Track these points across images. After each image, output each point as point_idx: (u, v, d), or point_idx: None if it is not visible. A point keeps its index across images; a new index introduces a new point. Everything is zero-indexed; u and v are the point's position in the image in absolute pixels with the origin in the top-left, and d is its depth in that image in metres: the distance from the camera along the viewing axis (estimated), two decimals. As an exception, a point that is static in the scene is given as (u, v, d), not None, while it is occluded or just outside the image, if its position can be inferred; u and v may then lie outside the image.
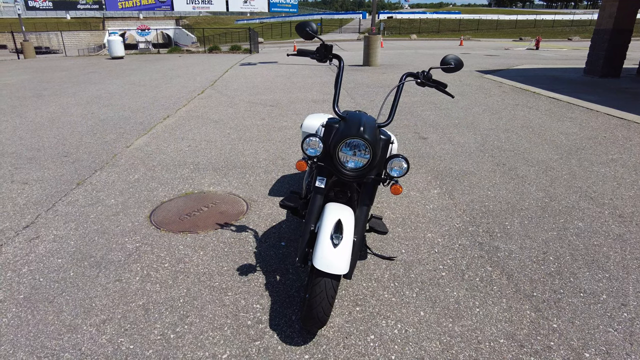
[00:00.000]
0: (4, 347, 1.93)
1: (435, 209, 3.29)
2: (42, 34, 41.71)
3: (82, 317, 2.13)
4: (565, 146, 4.86)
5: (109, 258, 2.66)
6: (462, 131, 5.53)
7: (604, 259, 2.59)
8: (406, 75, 2.20)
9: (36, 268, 2.56)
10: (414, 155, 4.60)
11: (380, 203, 3.41)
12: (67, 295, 2.30)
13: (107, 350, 1.91)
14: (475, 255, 2.64)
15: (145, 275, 2.48)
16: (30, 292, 2.33)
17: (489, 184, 3.76)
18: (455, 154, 4.62)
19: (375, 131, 1.97)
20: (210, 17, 57.29)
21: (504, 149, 4.78)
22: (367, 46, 13.19)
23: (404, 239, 2.85)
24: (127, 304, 2.23)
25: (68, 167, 4.36)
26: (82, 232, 2.99)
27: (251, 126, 5.88)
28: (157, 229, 3.03)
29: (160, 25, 45.07)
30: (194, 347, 1.92)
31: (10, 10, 49.01)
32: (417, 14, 59.09)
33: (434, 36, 44.14)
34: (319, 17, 58.64)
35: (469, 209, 3.27)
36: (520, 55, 18.71)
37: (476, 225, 3.01)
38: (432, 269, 2.49)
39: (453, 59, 2.18)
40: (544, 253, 2.65)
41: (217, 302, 2.23)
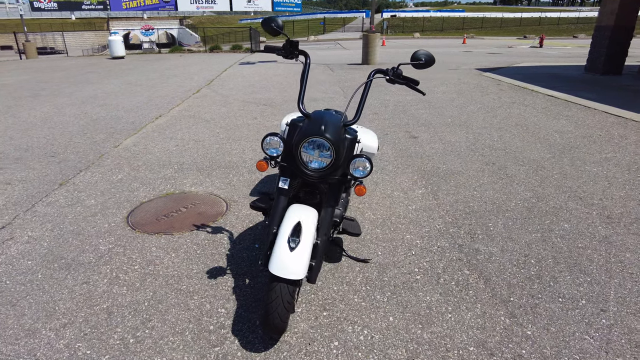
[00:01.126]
0: (-42, 352, 1.89)
1: (418, 210, 3.21)
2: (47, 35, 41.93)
3: (43, 321, 2.08)
4: (558, 145, 4.75)
5: (80, 260, 2.62)
6: (454, 130, 5.44)
7: (587, 262, 2.50)
8: (375, 71, 2.12)
9: (4, 270, 2.52)
10: (402, 154, 4.52)
11: (362, 203, 3.34)
12: (31, 299, 2.25)
13: (63, 355, 1.86)
14: (454, 257, 2.56)
15: (113, 277, 2.43)
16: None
17: (475, 184, 3.67)
18: (445, 153, 4.53)
19: (340, 130, 1.90)
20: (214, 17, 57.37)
21: (495, 147, 4.69)
22: (366, 44, 13.10)
23: (381, 240, 2.78)
24: (91, 307, 2.18)
25: (53, 168, 4.32)
26: (57, 234, 2.95)
27: (242, 125, 5.83)
28: (133, 230, 2.98)
29: (164, 25, 45.22)
30: (151, 353, 1.86)
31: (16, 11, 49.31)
32: (421, 13, 58.78)
33: (437, 34, 43.90)
34: (322, 16, 58.54)
35: (452, 210, 3.19)
36: (523, 53, 18.51)
37: (458, 227, 2.93)
38: (406, 272, 2.42)
39: (424, 54, 2.10)
40: (526, 256, 2.56)
41: (181, 305, 2.17)
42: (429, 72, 11.14)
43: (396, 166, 4.17)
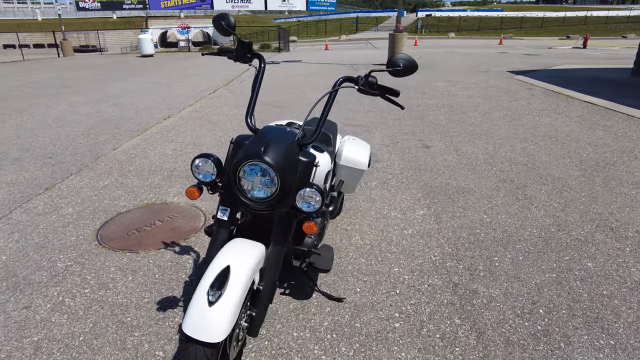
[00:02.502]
0: None
1: (414, 235, 2.81)
2: (90, 33, 43.49)
3: (-36, 354, 1.86)
4: (591, 160, 4.19)
5: (32, 279, 2.40)
6: (473, 139, 4.95)
7: (613, 317, 2.04)
8: (342, 79, 1.77)
9: (-47, 287, 2.34)
10: (409, 167, 4.10)
11: (352, 225, 2.97)
12: (-36, 324, 2.04)
13: (-31, 402, 1.62)
14: (445, 300, 2.16)
15: (58, 302, 2.20)
16: None
17: (487, 206, 3.22)
18: (458, 166, 4.08)
19: (290, 151, 1.56)
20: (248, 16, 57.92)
21: (517, 162, 4.18)
22: (392, 44, 12.60)
23: (364, 273, 2.41)
24: (20, 339, 1.94)
25: (46, 170, 4.20)
26: (20, 246, 2.77)
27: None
28: (99, 246, 2.76)
29: (200, 24, 45.96)
30: (64, 407, 1.59)
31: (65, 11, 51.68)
32: (458, 12, 56.99)
33: (473, 35, 42.39)
34: (355, 15, 57.94)
35: (454, 237, 2.77)
36: (563, 55, 17.37)
37: (457, 260, 2.52)
38: (384, 317, 2.04)
39: (403, 59, 1.72)
40: (533, 303, 2.13)
41: (117, 344, 1.90)
42: (452, 75, 10.53)
43: (400, 180, 3.76)
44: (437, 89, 8.45)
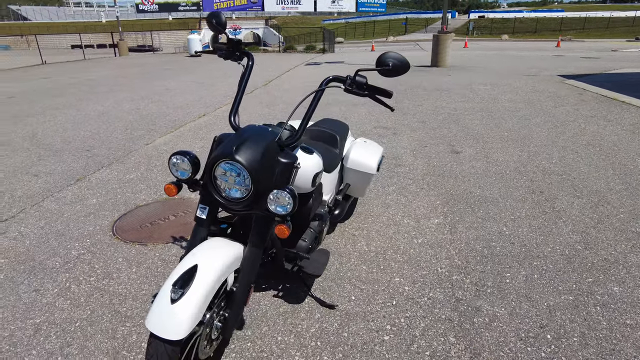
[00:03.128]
0: None
1: (423, 245, 2.68)
2: (147, 34, 45.69)
3: (-27, 331, 1.99)
4: (638, 173, 3.81)
5: (46, 264, 2.54)
6: (506, 146, 4.67)
7: (634, 351, 1.82)
8: (330, 78, 1.71)
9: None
10: (433, 172, 3.93)
11: (360, 230, 2.89)
12: (-21, 303, 2.19)
13: (-33, 376, 1.73)
14: (443, 316, 2.03)
15: (65, 288, 2.30)
16: (-46, 294, 2.26)
17: (509, 217, 3.01)
18: (485, 174, 3.86)
19: (267, 151, 1.52)
20: (298, 17, 58.67)
21: (551, 171, 3.89)
22: (436, 45, 12.25)
23: (363, 281, 2.32)
24: (24, 320, 2.05)
25: (81, 162, 4.45)
26: (44, 232, 2.94)
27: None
28: (112, 236, 2.87)
29: (251, 25, 47.13)
30: (48, 390, 1.65)
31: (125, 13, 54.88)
32: (513, 13, 54.45)
33: (529, 37, 40.31)
34: (405, 16, 57.02)
35: (466, 249, 2.61)
36: (628, 58, 16.05)
37: (465, 273, 2.37)
38: (374, 329, 1.95)
39: (393, 58, 1.62)
40: (541, 327, 1.95)
41: (109, 332, 1.95)
42: (497, 78, 10.04)
43: (420, 186, 3.62)
44: (478, 92, 8.09)
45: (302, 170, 1.75)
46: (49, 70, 14.37)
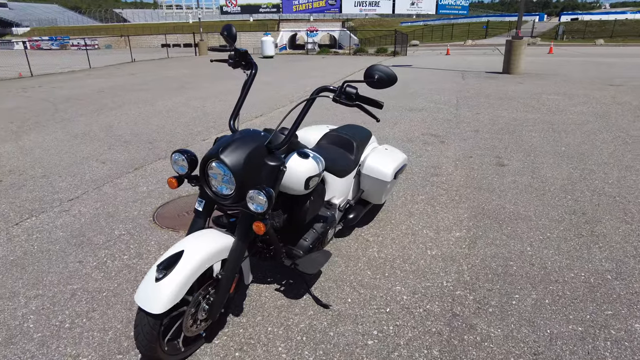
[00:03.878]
0: (-45, 300, 2.28)
1: (436, 257, 2.64)
2: (229, 35, 47.99)
3: (25, 287, 2.37)
4: None
5: (93, 240, 2.92)
6: (560, 162, 4.35)
7: (633, 389, 1.68)
8: (320, 89, 1.79)
9: (42, 236, 2.97)
10: (469, 185, 3.81)
11: (376, 236, 2.92)
12: (36, 266, 2.59)
13: (13, 323, 2.07)
14: (434, 329, 2.02)
15: (101, 262, 2.63)
16: (19, 256, 2.70)
17: (537, 237, 2.85)
18: (526, 190, 3.65)
19: (253, 153, 1.66)
20: (375, 20, 58.44)
21: (602, 192, 3.58)
22: (509, 51, 11.58)
23: (363, 285, 2.37)
24: (65, 285, 2.40)
25: (143, 153, 4.96)
26: (97, 213, 3.36)
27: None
28: (152, 222, 3.20)
29: (328, 27, 47.86)
30: (70, 342, 1.94)
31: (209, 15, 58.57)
32: (614, 15, 49.23)
33: (631, 41, 36.23)
34: (486, 19, 54.22)
35: (480, 266, 2.53)
36: None
37: (470, 290, 2.31)
38: (360, 332, 2.00)
39: (379, 71, 1.67)
40: (535, 354, 1.86)
41: (127, 304, 2.22)
42: (573, 88, 9.23)
43: (451, 198, 3.53)
44: (545, 102, 7.56)
45: (294, 174, 1.86)
46: (136, 67, 15.93)
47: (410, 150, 4.87)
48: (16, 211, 3.39)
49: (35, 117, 7.03)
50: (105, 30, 47.55)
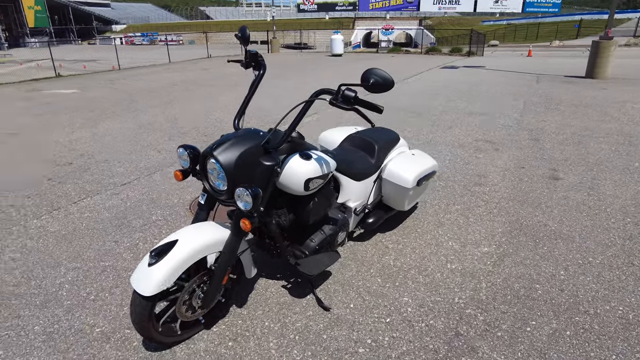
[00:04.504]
0: (33, 266, 2.63)
1: (455, 272, 2.51)
2: (304, 32, 49.11)
3: (68, 260, 2.66)
4: None
5: (132, 223, 3.18)
6: (628, 179, 3.88)
7: None
8: (320, 91, 1.79)
9: (92, 216, 3.30)
10: (512, 198, 3.55)
11: (397, 244, 2.84)
12: (79, 242, 2.89)
13: (51, 290, 2.34)
14: (431, 346, 1.93)
15: (134, 244, 2.87)
16: (70, 231, 3.04)
17: (576, 261, 2.59)
18: (577, 208, 3.32)
19: (247, 152, 1.71)
20: (454, 18, 56.11)
21: (671, 219, 3.14)
22: (594, 54, 10.50)
23: (370, 292, 2.32)
24: (99, 261, 2.65)
25: (195, 144, 5.26)
26: (142, 198, 3.65)
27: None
28: (187, 210, 3.41)
29: (404, 25, 46.89)
30: (90, 313, 2.14)
31: (286, 12, 60.16)
32: None
33: None
34: (579, 18, 49.52)
35: (501, 286, 2.36)
36: None
37: (482, 310, 2.17)
38: (354, 339, 1.97)
39: (375, 75, 1.65)
40: (539, 387, 1.70)
41: (145, 286, 2.39)
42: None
43: (489, 210, 3.32)
44: (629, 112, 6.76)
45: (294, 174, 1.88)
46: (209, 63, 16.89)
47: (459, 156, 4.65)
48: (77, 191, 3.79)
49: (112, 107, 7.77)
50: (190, 27, 50.93)
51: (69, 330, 2.03)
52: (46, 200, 3.60)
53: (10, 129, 6.24)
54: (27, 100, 8.75)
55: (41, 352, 1.90)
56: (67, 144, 5.31)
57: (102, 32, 49.75)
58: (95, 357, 1.87)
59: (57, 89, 10.35)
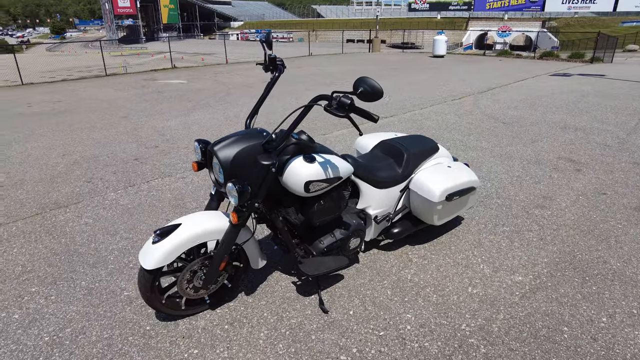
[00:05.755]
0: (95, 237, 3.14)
1: (474, 297, 2.35)
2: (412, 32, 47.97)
3: (124, 230, 3.08)
4: None
5: (186, 205, 3.54)
6: None
7: None
8: (318, 97, 1.82)
9: (156, 194, 3.76)
10: (577, 226, 3.14)
11: (421, 257, 2.73)
12: (139, 216, 3.32)
13: (103, 254, 2.76)
14: (422, 358, 1.86)
15: (182, 224, 3.20)
16: (134, 206, 3.50)
17: (629, 311, 2.22)
18: None
19: (246, 150, 1.84)
20: (586, 19, 49.90)
21: None
22: None
23: (374, 303, 2.30)
24: (147, 234, 3.02)
25: (268, 138, 5.60)
26: (203, 184, 4.02)
27: (443, 138, 5.46)
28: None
29: (524, 27, 43.21)
30: (125, 279, 2.48)
31: (397, 11, 59.29)
32: None
33: None
34: None
35: (521, 321, 2.15)
36: None
37: (488, 342, 2.00)
38: (341, 346, 1.98)
39: (365, 84, 1.66)
40: None
41: (177, 262, 2.68)
42: None
43: (542, 237, 3.00)
44: None
45: (294, 175, 1.94)
46: (307, 61, 17.52)
47: (530, 174, 4.23)
48: (153, 172, 4.33)
49: (208, 99, 8.58)
50: (301, 25, 53.21)
51: (104, 290, 2.39)
52: (127, 177, 4.17)
53: (123, 113, 7.29)
54: (142, 88, 10.09)
55: (79, 304, 2.27)
56: (160, 130, 6.04)
57: (222, 28, 54.65)
58: (116, 316, 2.17)
59: (169, 79, 11.73)
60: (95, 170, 4.35)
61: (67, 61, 19.07)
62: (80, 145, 5.29)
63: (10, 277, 2.52)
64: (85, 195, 3.70)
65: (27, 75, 11.88)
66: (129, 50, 29.08)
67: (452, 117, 6.80)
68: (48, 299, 2.31)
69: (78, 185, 3.95)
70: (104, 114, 7.18)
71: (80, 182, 4.03)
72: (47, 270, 2.58)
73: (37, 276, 2.52)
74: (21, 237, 2.99)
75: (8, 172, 4.33)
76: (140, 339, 2.02)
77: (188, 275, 2.01)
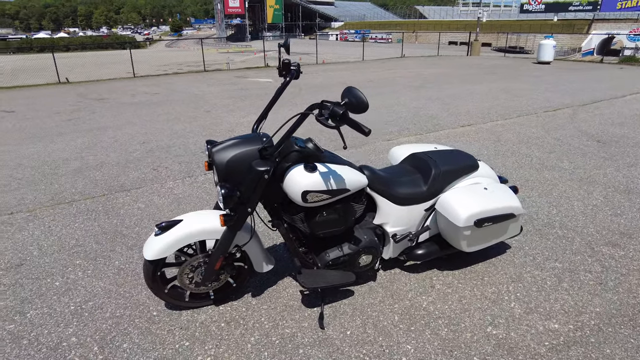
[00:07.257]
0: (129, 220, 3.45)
1: (490, 338, 2.08)
2: (522, 35, 44.38)
3: (168, 217, 3.33)
4: None
5: (231, 200, 3.70)
6: None
7: None
8: (313, 106, 1.76)
9: (205, 187, 3.99)
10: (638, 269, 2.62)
11: (445, 285, 2.50)
12: (183, 205, 3.56)
13: (131, 232, 3.02)
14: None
15: (220, 218, 3.36)
16: (184, 195, 3.77)
17: None
18: None
19: (242, 155, 1.86)
20: None
21: None
22: None
23: (375, 327, 2.16)
24: (187, 225, 3.23)
25: (322, 142, 5.62)
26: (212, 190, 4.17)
27: (517, 154, 4.94)
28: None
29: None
30: (152, 265, 2.68)
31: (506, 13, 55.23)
32: None
33: None
34: None
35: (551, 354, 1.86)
36: None
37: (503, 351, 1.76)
38: (330, 351, 1.91)
39: (352, 95, 1.59)
40: None
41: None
42: None
43: (601, 280, 2.55)
44: None
45: (293, 184, 1.91)
46: (399, 63, 17.14)
47: (610, 203, 3.63)
48: (201, 168, 4.60)
49: (282, 99, 8.85)
50: (401, 26, 52.24)
51: (132, 272, 2.61)
52: (189, 168, 4.50)
53: (207, 108, 7.88)
54: (231, 85, 10.80)
55: (107, 281, 2.52)
56: (233, 125, 6.41)
57: (322, 28, 56.09)
58: (132, 298, 2.36)
59: (258, 78, 12.39)
60: (165, 159, 4.77)
61: (180, 57, 21.26)
62: (160, 134, 5.85)
63: (65, 248, 2.88)
64: (147, 182, 4.08)
65: (144, 69, 13.49)
66: (235, 48, 31.35)
67: (537, 131, 6.12)
68: (85, 272, 2.60)
69: (145, 172, 4.37)
70: (189, 107, 7.85)
71: (148, 169, 4.45)
72: (94, 246, 2.91)
73: (84, 250, 2.85)
74: (85, 214, 3.41)
75: (96, 154, 4.96)
76: (145, 323, 2.17)
77: (188, 269, 2.11)
